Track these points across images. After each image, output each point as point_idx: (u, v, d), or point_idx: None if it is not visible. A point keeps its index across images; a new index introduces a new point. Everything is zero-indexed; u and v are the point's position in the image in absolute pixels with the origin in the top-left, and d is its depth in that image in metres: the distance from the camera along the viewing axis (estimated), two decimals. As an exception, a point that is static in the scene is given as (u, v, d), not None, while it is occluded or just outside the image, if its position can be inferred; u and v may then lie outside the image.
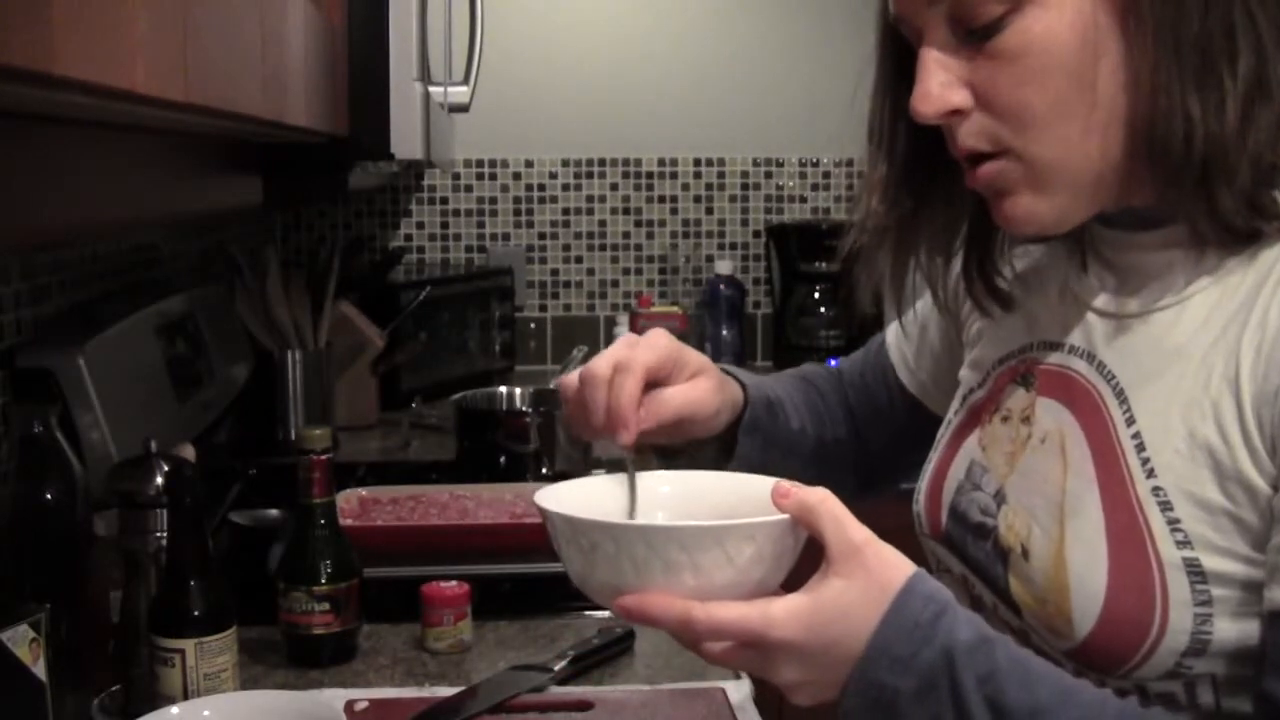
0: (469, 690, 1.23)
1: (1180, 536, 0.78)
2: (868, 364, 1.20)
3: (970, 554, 0.94)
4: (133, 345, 1.62)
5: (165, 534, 1.16)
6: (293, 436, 2.23)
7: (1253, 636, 0.77)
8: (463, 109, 2.25)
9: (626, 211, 3.15)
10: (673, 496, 0.90)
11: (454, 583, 1.37)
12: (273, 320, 2.24)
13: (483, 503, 1.70)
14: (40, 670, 1.05)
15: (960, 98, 0.81)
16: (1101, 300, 0.89)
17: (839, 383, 1.21)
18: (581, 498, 0.86)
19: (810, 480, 0.79)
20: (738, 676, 1.29)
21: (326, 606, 1.31)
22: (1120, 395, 0.85)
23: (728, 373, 1.06)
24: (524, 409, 2.12)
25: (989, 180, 0.83)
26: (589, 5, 3.09)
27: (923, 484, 1.02)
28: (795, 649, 0.74)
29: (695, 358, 0.99)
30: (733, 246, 3.16)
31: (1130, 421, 0.83)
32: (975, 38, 0.80)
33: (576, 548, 0.78)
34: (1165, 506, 0.79)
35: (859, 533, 0.76)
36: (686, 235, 3.14)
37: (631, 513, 0.88)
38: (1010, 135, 0.81)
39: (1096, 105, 0.79)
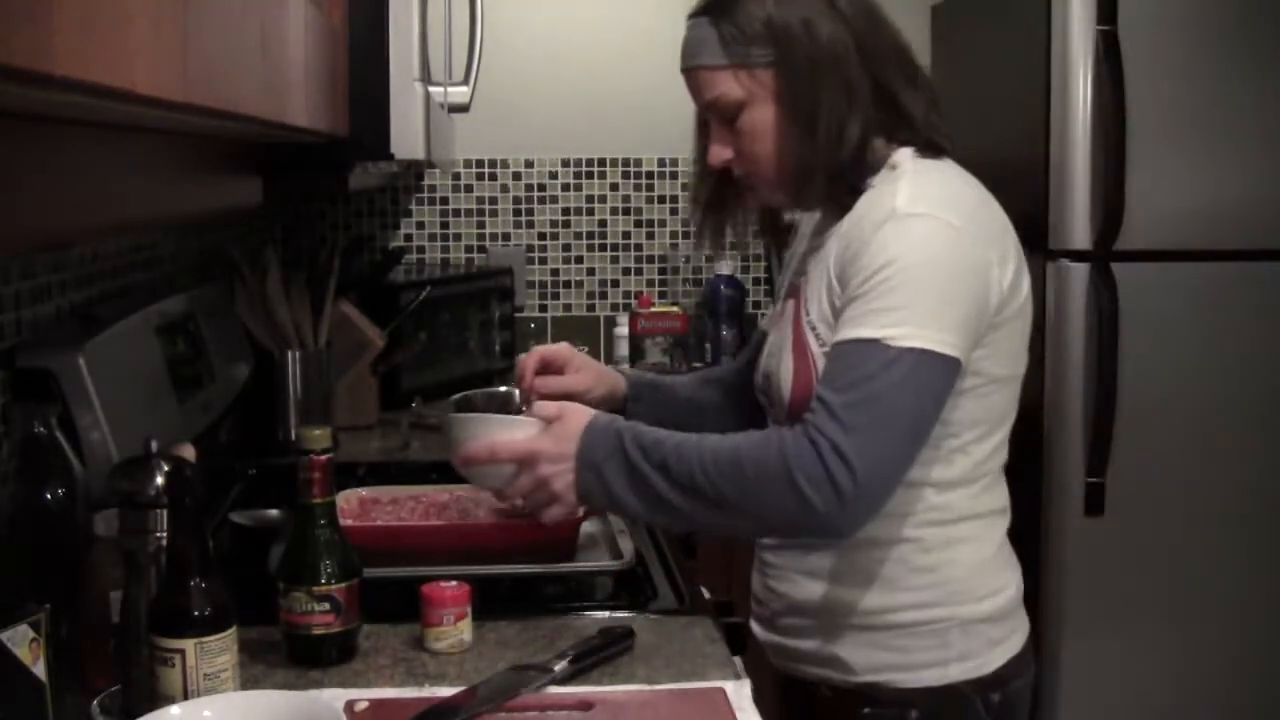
0: (469, 690, 1.23)
1: (819, 341, 1.40)
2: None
3: (760, 386, 1.59)
4: (133, 345, 1.63)
5: (165, 534, 1.16)
6: (293, 436, 2.23)
7: None
8: (463, 109, 2.25)
9: (626, 211, 3.15)
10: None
11: (454, 583, 1.37)
12: (273, 320, 2.24)
13: (483, 503, 1.70)
14: (40, 670, 1.05)
15: (728, 153, 1.46)
16: (813, 244, 1.52)
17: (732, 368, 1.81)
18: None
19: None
20: (738, 677, 1.29)
21: (326, 606, 1.31)
22: (805, 288, 1.47)
23: (622, 373, 1.70)
24: (524, 409, 2.11)
25: (744, 182, 1.51)
26: (589, 5, 3.09)
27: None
28: (546, 453, 1.35)
29: (582, 359, 1.65)
30: (733, 246, 3.15)
31: (805, 300, 1.46)
32: (730, 121, 1.44)
33: (448, 433, 1.46)
34: (811, 328, 1.42)
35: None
36: (686, 235, 3.14)
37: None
38: (750, 166, 1.47)
39: (787, 156, 1.43)
